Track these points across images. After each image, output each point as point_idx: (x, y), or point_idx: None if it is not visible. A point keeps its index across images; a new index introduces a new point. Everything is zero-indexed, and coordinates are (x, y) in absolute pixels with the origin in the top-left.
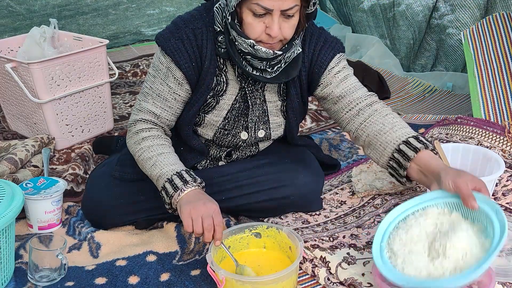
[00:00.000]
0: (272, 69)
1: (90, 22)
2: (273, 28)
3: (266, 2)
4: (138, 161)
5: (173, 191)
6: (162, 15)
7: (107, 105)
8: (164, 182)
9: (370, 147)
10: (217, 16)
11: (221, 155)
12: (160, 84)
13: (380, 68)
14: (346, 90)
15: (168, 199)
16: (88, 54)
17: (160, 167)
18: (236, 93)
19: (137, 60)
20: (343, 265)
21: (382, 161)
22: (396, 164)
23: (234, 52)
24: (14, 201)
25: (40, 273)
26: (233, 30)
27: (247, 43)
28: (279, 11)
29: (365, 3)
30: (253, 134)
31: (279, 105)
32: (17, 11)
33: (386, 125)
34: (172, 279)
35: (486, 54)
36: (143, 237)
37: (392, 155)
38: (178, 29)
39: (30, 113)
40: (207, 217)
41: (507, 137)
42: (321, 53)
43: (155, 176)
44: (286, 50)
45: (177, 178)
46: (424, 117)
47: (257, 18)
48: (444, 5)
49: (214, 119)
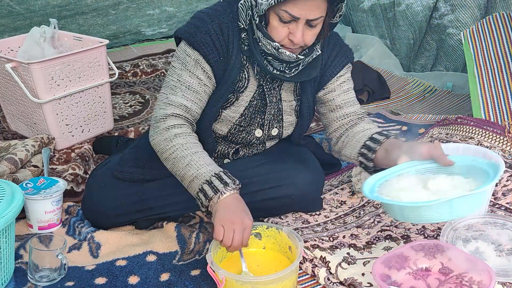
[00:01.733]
0: (290, 71)
1: (90, 22)
2: (296, 35)
3: (294, 11)
4: (168, 159)
5: (213, 193)
6: (162, 15)
7: (107, 105)
8: (202, 184)
9: (345, 147)
10: (241, 13)
11: (229, 152)
12: (189, 76)
13: (380, 68)
14: (345, 101)
15: (207, 201)
16: (88, 54)
17: (196, 167)
18: (254, 90)
19: (137, 60)
20: (343, 265)
21: (355, 152)
22: (366, 149)
23: (257, 51)
24: (14, 201)
25: (40, 273)
26: (259, 31)
27: (272, 45)
28: (305, 20)
29: (365, 3)
30: (267, 132)
31: (293, 105)
32: (17, 11)
33: (365, 128)
34: (172, 279)
35: (486, 54)
36: (143, 237)
37: (364, 143)
38: (204, 23)
39: (30, 113)
40: (239, 233)
41: (507, 137)
42: (336, 59)
43: (189, 176)
44: (307, 55)
45: (217, 180)
46: (424, 117)
47: (282, 23)
48: (444, 5)
49: (231, 115)
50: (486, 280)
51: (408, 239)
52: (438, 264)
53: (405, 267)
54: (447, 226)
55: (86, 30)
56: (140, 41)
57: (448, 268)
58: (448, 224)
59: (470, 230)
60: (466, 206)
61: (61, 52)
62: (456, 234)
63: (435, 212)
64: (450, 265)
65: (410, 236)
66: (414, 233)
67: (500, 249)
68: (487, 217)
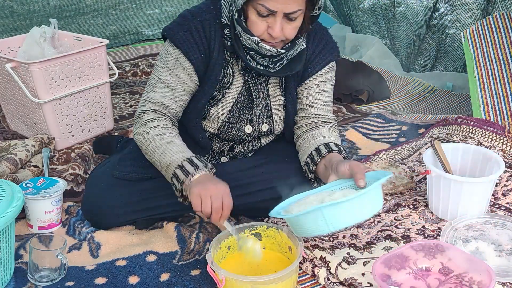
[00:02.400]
0: (275, 66)
1: (90, 22)
2: (274, 29)
3: (270, 4)
4: (146, 151)
5: (184, 176)
6: (162, 15)
7: (107, 105)
8: (175, 169)
9: (299, 150)
10: (224, 9)
11: (224, 149)
12: (169, 75)
13: (380, 68)
14: (317, 102)
15: (180, 185)
16: (88, 54)
17: (170, 155)
18: (241, 86)
19: (137, 60)
20: (343, 265)
21: (303, 159)
22: (310, 159)
23: (239, 47)
24: (14, 201)
25: (40, 273)
26: (239, 26)
27: (252, 40)
28: (282, 13)
29: (365, 3)
30: (257, 127)
31: (281, 100)
32: (17, 11)
33: (321, 135)
34: (172, 279)
35: (486, 54)
36: (143, 237)
37: (311, 152)
38: (186, 21)
39: (30, 113)
40: (216, 198)
41: (507, 137)
42: (319, 56)
43: (164, 164)
44: (288, 49)
45: (188, 164)
46: (424, 117)
47: (260, 17)
48: (444, 5)
49: (219, 112)
50: (486, 280)
51: (408, 239)
52: (438, 264)
53: (405, 267)
54: (447, 226)
55: (86, 30)
56: (140, 41)
57: (448, 268)
58: (448, 224)
59: (470, 230)
60: (340, 216)
61: (61, 52)
62: (456, 234)
63: (313, 224)
64: (450, 265)
65: (410, 236)
66: (414, 233)
67: (500, 249)
68: (487, 217)
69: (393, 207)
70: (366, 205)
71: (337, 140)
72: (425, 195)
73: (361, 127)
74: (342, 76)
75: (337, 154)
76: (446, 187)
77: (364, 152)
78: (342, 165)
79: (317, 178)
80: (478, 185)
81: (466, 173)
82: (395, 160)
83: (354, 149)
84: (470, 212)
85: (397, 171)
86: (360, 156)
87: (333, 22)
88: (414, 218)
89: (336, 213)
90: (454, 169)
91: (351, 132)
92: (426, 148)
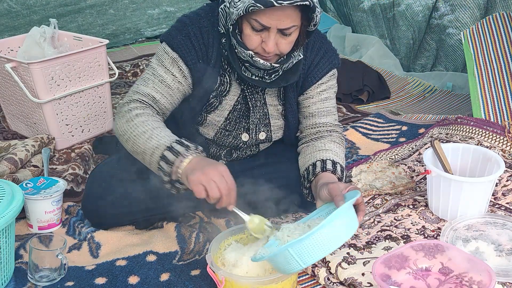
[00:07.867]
0: (270, 77)
1: (90, 21)
2: (268, 44)
3: (264, 20)
4: (129, 139)
5: (174, 157)
6: (162, 15)
7: (107, 105)
8: (163, 151)
9: (300, 160)
10: (221, 18)
11: (221, 153)
12: (164, 72)
13: (380, 68)
14: (319, 111)
15: (169, 167)
16: (88, 54)
17: (157, 138)
18: (238, 95)
19: (137, 60)
20: (343, 265)
21: (301, 170)
22: (307, 173)
23: (234, 58)
24: (14, 201)
25: (40, 273)
26: (233, 38)
27: (246, 53)
28: (276, 28)
29: (365, 3)
30: (254, 136)
31: (280, 109)
32: (17, 11)
33: (324, 147)
34: (172, 279)
35: (486, 54)
36: (143, 237)
37: (308, 166)
38: (185, 26)
39: (30, 113)
40: (221, 181)
41: (507, 137)
42: (319, 65)
43: (151, 148)
44: (283, 62)
45: (178, 144)
46: (424, 117)
47: (255, 32)
48: (444, 5)
49: (216, 119)
50: (486, 280)
51: (408, 239)
52: (438, 264)
53: (405, 267)
54: (447, 226)
55: (86, 30)
56: (140, 41)
57: (448, 268)
58: (448, 224)
59: (470, 230)
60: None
61: (61, 52)
62: (456, 234)
63: (286, 264)
64: (450, 265)
65: (410, 236)
66: (414, 233)
67: (500, 249)
68: (487, 217)
69: (393, 207)
70: (336, 232)
71: (338, 155)
72: (425, 195)
73: (361, 127)
74: (342, 76)
75: (329, 174)
76: (446, 187)
77: (364, 152)
78: (322, 190)
79: (312, 194)
80: (478, 185)
81: (466, 173)
82: (395, 160)
83: (354, 149)
84: (470, 212)
85: (397, 171)
86: (360, 156)
87: (333, 22)
88: (414, 218)
89: (304, 249)
90: (454, 169)
91: (351, 132)
92: (426, 148)
